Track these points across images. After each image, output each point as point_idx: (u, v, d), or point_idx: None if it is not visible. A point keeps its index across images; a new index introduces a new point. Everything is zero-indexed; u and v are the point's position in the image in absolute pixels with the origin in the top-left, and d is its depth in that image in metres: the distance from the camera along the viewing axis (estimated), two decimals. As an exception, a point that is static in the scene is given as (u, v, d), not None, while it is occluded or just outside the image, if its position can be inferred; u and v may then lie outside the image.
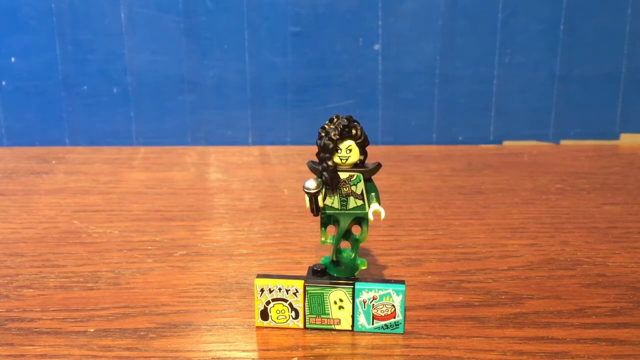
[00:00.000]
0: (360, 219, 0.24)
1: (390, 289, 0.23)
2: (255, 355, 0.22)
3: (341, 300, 0.23)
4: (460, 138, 0.61)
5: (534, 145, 0.61)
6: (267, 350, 0.22)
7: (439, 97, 0.60)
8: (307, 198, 0.23)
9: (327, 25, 0.58)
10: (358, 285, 0.23)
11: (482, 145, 0.61)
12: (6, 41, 0.57)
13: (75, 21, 0.57)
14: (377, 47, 0.59)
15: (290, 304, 0.24)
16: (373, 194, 0.23)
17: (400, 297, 0.23)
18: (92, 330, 0.24)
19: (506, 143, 0.61)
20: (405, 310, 0.24)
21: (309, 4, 0.58)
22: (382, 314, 0.23)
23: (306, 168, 0.24)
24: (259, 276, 0.24)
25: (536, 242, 0.33)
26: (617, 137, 0.62)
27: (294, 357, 0.22)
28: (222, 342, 0.23)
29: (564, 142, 0.61)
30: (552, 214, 0.38)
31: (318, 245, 0.33)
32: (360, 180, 0.23)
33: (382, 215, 0.23)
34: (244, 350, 0.22)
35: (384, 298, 0.23)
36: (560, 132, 0.61)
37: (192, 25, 0.58)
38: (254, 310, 0.26)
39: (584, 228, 0.36)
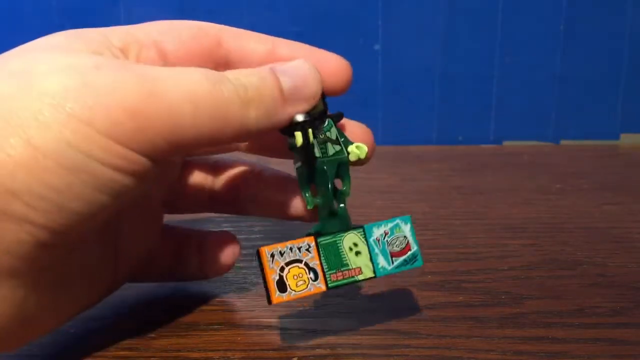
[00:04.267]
0: (341, 171, 0.23)
1: (397, 220, 0.23)
2: (255, 355, 0.22)
3: (356, 245, 0.22)
4: (460, 138, 0.62)
5: (534, 145, 0.61)
6: (267, 350, 0.23)
7: (439, 97, 0.60)
8: (299, 136, 0.22)
9: (327, 25, 0.59)
10: (367, 226, 0.23)
11: (482, 145, 0.61)
12: (6, 41, 0.57)
13: (76, 21, 0.57)
14: (377, 47, 0.59)
15: (306, 264, 0.22)
16: (345, 137, 0.23)
17: (409, 226, 0.23)
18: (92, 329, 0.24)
19: (506, 143, 0.61)
20: (417, 241, 0.23)
21: (309, 4, 0.58)
22: (398, 249, 0.23)
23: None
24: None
25: (536, 242, 0.33)
26: (617, 137, 0.62)
27: (294, 357, 0.22)
28: (223, 342, 0.23)
29: (564, 142, 0.61)
30: (552, 214, 0.38)
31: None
32: (332, 126, 0.23)
33: (365, 151, 0.23)
34: (243, 350, 0.22)
35: (395, 230, 0.23)
36: (560, 132, 0.61)
37: (192, 25, 0.58)
38: (253, 310, 0.26)
39: (584, 228, 0.36)
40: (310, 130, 0.22)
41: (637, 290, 0.27)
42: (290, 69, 0.21)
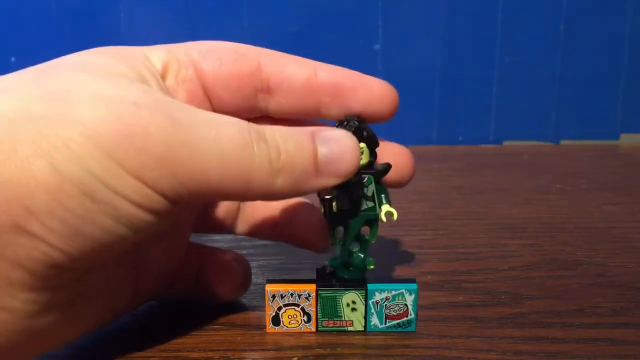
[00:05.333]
0: (370, 221, 0.23)
1: (402, 289, 0.23)
2: (254, 355, 0.22)
3: (354, 303, 0.23)
4: (460, 138, 0.61)
5: (534, 145, 0.61)
6: (267, 350, 0.23)
7: (439, 97, 0.60)
8: (321, 204, 0.22)
9: (327, 25, 0.58)
10: (371, 287, 0.23)
11: (482, 145, 0.61)
12: (6, 41, 0.57)
13: (76, 20, 0.57)
14: (377, 47, 0.59)
15: (303, 309, 0.23)
16: (383, 195, 0.23)
17: (413, 296, 0.23)
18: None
19: (506, 143, 0.61)
20: (418, 308, 0.24)
21: (309, 4, 0.58)
22: (395, 314, 0.23)
23: None
24: (269, 281, 0.24)
25: (536, 242, 0.33)
26: (617, 137, 0.62)
27: (294, 357, 0.22)
28: (223, 342, 0.23)
29: (564, 142, 0.61)
30: (552, 214, 0.38)
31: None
32: (371, 182, 0.23)
33: (395, 216, 0.23)
34: (243, 350, 0.22)
35: (397, 298, 0.23)
36: (560, 132, 0.61)
37: (192, 25, 0.58)
38: (254, 311, 0.26)
39: (584, 228, 0.36)
40: (334, 204, 0.22)
41: (637, 290, 0.27)
42: (331, 139, 0.20)
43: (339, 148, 0.20)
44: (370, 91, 0.23)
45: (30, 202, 0.16)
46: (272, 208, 0.26)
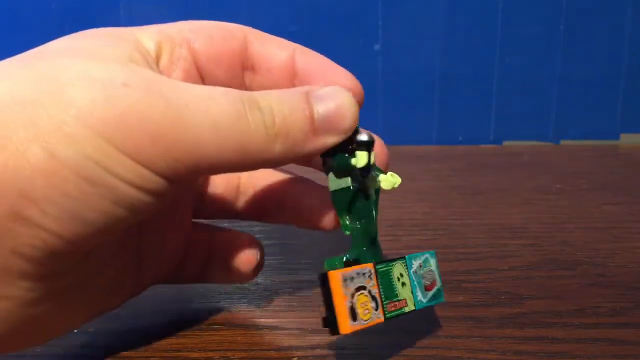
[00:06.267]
0: (376, 191, 0.22)
1: (426, 254, 0.23)
2: (255, 355, 0.22)
3: (402, 276, 0.22)
4: (460, 138, 0.61)
5: (534, 145, 0.61)
6: (267, 350, 0.23)
7: (439, 97, 0.60)
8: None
9: (326, 25, 0.59)
10: (407, 256, 0.22)
11: (482, 145, 0.61)
12: (6, 41, 0.57)
13: (75, 20, 0.57)
14: (377, 47, 0.59)
15: (369, 291, 0.21)
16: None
17: (434, 260, 0.23)
18: (92, 329, 0.24)
19: (506, 143, 0.61)
20: (441, 276, 0.23)
21: (309, 4, 0.58)
22: (429, 283, 0.23)
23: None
24: (329, 266, 0.21)
25: (536, 242, 0.33)
26: (617, 137, 0.62)
27: (294, 357, 0.22)
28: (223, 342, 0.23)
29: (564, 142, 0.61)
30: (552, 214, 0.38)
31: (320, 244, 0.33)
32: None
33: (399, 179, 0.22)
34: (243, 350, 0.22)
35: (426, 265, 0.23)
36: (560, 132, 0.61)
37: (192, 25, 0.58)
38: (254, 310, 0.26)
39: (584, 228, 0.36)
40: (373, 152, 0.21)
41: (637, 290, 0.27)
42: (326, 97, 0.20)
43: (335, 104, 0.20)
44: (329, 82, 0.22)
45: (26, 188, 0.16)
46: (274, 187, 0.26)
